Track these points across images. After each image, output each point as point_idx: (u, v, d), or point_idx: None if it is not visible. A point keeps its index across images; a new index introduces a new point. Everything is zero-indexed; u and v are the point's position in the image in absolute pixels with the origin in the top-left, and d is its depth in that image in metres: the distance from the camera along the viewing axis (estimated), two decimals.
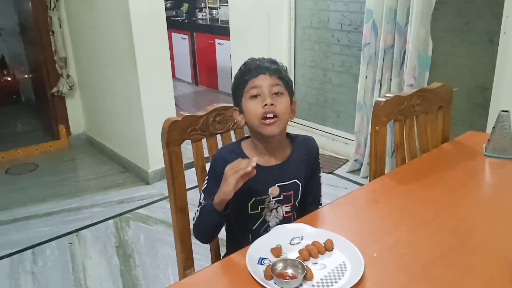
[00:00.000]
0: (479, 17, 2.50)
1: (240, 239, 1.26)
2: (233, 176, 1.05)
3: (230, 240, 1.33)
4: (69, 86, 3.75)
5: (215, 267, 1.07)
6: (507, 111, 1.51)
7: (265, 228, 1.24)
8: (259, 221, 1.24)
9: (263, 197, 1.21)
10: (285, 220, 1.24)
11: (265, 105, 1.11)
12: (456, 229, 1.13)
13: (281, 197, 1.23)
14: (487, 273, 0.95)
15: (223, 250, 1.39)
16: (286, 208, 1.24)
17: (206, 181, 1.21)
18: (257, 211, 1.23)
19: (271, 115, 1.12)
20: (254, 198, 1.21)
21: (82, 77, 3.82)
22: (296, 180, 1.24)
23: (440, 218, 1.18)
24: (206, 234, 1.22)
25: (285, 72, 1.18)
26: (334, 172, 3.22)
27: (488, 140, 1.55)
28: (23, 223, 2.70)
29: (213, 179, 1.18)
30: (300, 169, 1.25)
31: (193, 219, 1.21)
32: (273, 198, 1.22)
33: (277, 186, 1.22)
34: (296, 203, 1.27)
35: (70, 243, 2.47)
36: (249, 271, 0.93)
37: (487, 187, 1.45)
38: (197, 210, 1.20)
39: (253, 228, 1.24)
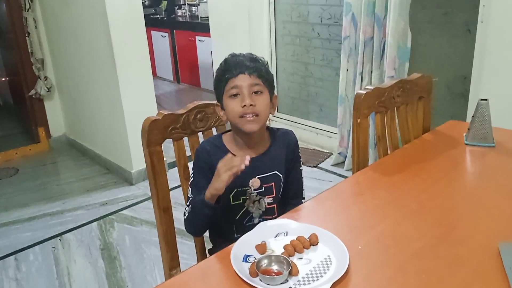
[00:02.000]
0: (457, 7, 2.52)
1: (224, 230, 1.30)
2: (227, 173, 1.07)
3: (214, 232, 1.35)
4: (47, 88, 3.68)
5: (200, 266, 1.05)
6: (486, 100, 1.52)
7: (248, 218, 1.27)
8: (242, 211, 1.26)
9: (244, 188, 1.24)
10: (268, 211, 1.27)
11: (244, 106, 1.13)
12: (441, 220, 1.13)
13: (263, 189, 1.26)
14: (473, 262, 0.95)
15: (208, 247, 1.38)
16: (268, 199, 1.27)
17: (192, 175, 1.23)
18: (239, 202, 1.25)
19: (250, 115, 1.15)
20: (235, 190, 1.23)
21: (60, 78, 3.75)
22: (276, 172, 1.26)
23: (424, 209, 1.19)
24: (199, 227, 1.25)
25: (265, 69, 1.19)
26: (318, 166, 3.22)
27: (468, 128, 1.56)
28: (4, 229, 2.65)
29: (199, 172, 1.22)
30: (279, 161, 1.27)
31: (184, 214, 1.23)
32: (254, 190, 1.25)
33: (258, 178, 1.24)
34: (279, 195, 1.29)
35: (54, 247, 2.43)
36: (234, 269, 0.92)
37: (469, 175, 1.47)
38: (188, 205, 1.22)
39: (236, 218, 1.27)
